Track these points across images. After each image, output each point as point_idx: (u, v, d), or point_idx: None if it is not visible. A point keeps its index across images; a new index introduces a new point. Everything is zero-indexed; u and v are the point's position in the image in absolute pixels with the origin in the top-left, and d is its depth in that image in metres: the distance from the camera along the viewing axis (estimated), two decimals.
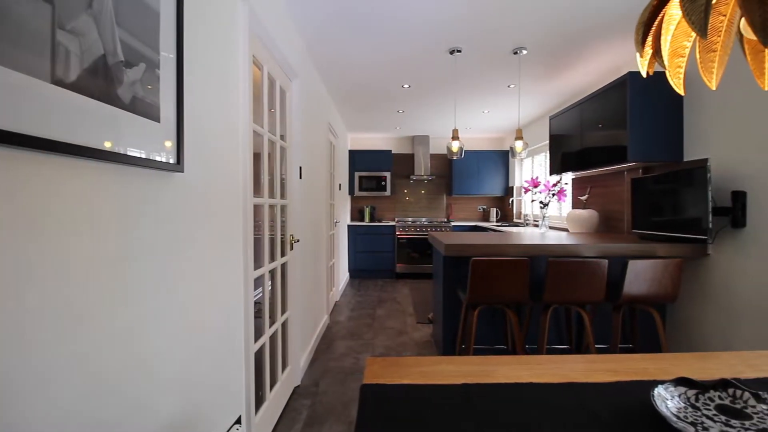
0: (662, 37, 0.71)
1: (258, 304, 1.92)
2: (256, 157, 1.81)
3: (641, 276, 2.22)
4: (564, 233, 3.45)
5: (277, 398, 2.05)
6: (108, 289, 0.82)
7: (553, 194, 3.59)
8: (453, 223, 5.96)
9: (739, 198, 2.13)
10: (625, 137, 2.69)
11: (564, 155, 3.68)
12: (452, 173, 6.26)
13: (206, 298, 1.26)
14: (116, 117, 0.82)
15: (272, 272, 2.06)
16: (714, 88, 0.75)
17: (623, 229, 3.23)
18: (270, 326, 1.97)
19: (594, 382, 0.89)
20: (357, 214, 6.55)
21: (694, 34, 0.75)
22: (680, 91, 0.76)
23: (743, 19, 0.69)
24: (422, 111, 4.77)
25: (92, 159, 0.76)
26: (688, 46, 0.77)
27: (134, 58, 0.88)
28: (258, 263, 1.82)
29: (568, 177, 4.16)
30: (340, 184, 4.97)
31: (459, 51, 2.87)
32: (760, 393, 0.78)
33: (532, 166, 5.46)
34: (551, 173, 3.96)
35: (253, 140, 1.70)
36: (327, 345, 3.17)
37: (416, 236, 5.89)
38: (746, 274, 2.13)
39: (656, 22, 0.73)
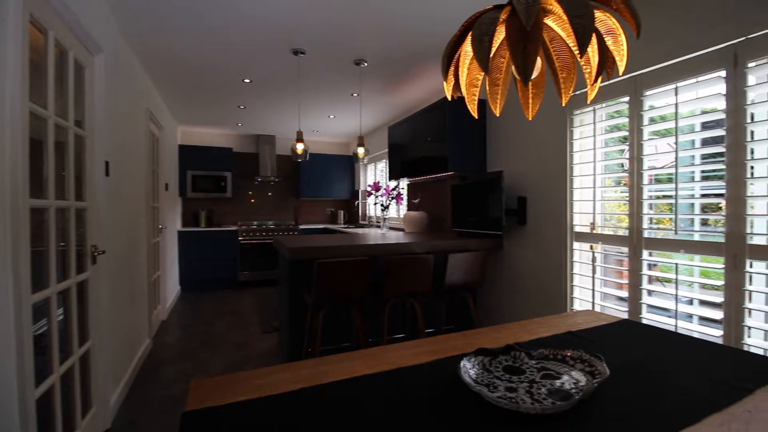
0: (460, 69, 0.85)
1: (44, 337, 1.49)
2: (37, 146, 1.40)
3: (458, 267, 2.63)
4: (401, 233, 3.82)
5: None
6: None
7: (392, 198, 3.93)
8: (301, 226, 5.91)
9: (522, 202, 2.76)
10: (446, 150, 3.16)
11: (401, 163, 4.08)
12: (300, 175, 6.20)
13: None
14: None
15: (64, 293, 1.63)
16: (498, 114, 0.94)
17: (446, 228, 3.79)
18: (61, 363, 1.55)
19: (418, 363, 1.00)
20: (191, 218, 5.80)
21: None
22: (474, 114, 0.92)
23: None
24: (267, 109, 4.57)
25: None
26: (480, 79, 0.95)
27: None
28: (40, 284, 1.41)
29: (404, 182, 4.63)
30: (167, 184, 4.30)
31: (303, 53, 2.86)
32: (531, 351, 1.02)
33: (374, 172, 5.87)
34: (390, 179, 4.33)
35: (30, 124, 1.30)
36: (150, 373, 2.69)
37: (262, 241, 5.60)
38: (527, 260, 2.76)
39: (456, 56, 0.87)
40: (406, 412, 0.77)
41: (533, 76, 0.82)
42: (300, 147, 3.20)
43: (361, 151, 3.40)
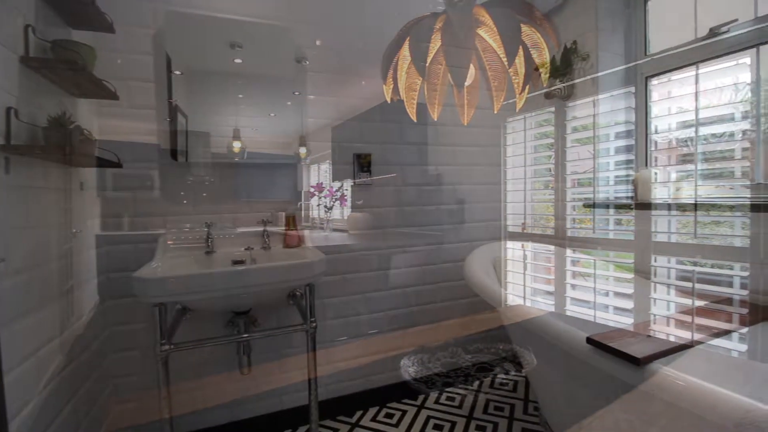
0: (399, 73, 0.87)
1: None
2: None
3: (400, 266, 2.68)
4: (345, 234, 3.79)
5: None
6: None
7: (336, 199, 3.89)
8: (239, 229, 5.62)
9: (461, 203, 2.87)
10: (388, 152, 3.20)
11: (345, 164, 4.05)
12: (237, 175, 5.90)
13: None
14: None
15: None
16: (435, 118, 0.97)
17: (391, 227, 3.82)
18: None
19: (358, 366, 1.00)
20: (112, 220, 5.25)
21: None
22: (413, 117, 0.94)
23: None
24: (200, 104, 4.27)
25: None
26: (419, 83, 0.97)
27: None
28: None
29: (348, 183, 4.61)
30: (82, 183, 3.84)
31: (240, 46, 2.73)
32: (466, 346, 1.06)
33: (318, 173, 5.77)
34: (334, 180, 4.29)
35: None
36: (64, 394, 2.39)
37: (195, 245, 5.23)
38: (465, 258, 2.89)
39: (395, 60, 0.89)
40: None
41: (467, 83, 0.86)
42: (237, 145, 3.04)
43: (302, 151, 3.32)
